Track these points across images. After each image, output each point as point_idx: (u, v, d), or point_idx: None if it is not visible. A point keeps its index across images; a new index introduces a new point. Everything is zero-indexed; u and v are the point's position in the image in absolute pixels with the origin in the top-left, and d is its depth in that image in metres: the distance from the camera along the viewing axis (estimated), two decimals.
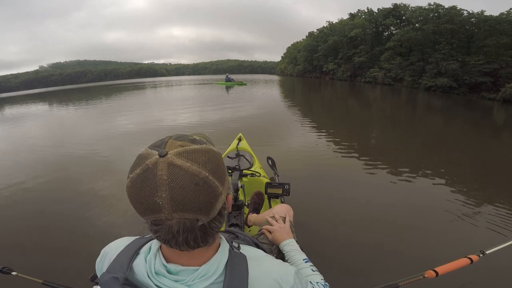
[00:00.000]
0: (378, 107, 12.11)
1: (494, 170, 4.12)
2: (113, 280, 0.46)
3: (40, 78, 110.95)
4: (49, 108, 15.03)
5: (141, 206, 0.41)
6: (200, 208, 0.41)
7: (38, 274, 1.09)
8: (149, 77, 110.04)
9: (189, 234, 0.43)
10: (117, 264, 0.50)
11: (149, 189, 0.39)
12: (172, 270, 0.47)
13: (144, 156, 0.42)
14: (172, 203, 0.39)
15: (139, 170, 0.41)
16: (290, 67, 58.93)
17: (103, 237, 2.26)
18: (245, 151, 2.67)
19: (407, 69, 24.98)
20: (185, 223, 0.41)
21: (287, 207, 1.22)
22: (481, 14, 21.34)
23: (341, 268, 1.97)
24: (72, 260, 2.03)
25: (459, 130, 7.31)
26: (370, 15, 34.51)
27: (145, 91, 24.02)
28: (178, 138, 0.45)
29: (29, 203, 3.13)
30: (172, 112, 9.86)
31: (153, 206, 0.40)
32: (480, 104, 14.16)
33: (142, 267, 0.48)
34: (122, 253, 0.52)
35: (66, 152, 5.10)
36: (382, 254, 2.11)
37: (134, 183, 0.41)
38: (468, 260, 1.10)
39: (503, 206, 2.85)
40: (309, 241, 1.94)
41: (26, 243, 2.35)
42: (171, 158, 0.40)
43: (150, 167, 0.40)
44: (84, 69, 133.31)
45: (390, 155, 4.79)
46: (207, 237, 0.46)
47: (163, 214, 0.40)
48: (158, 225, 0.42)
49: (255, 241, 0.91)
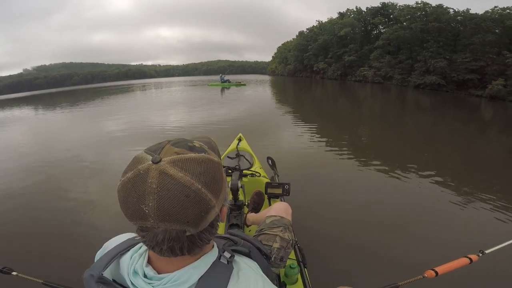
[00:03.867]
0: (370, 106, 12.20)
1: (490, 168, 4.17)
2: (90, 277, 0.47)
3: (24, 81, 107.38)
4: (34, 112, 14.52)
5: (128, 211, 0.40)
6: (188, 221, 0.39)
7: (38, 274, 1.07)
8: (138, 79, 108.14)
9: (175, 243, 0.41)
10: (99, 262, 0.51)
11: (137, 195, 0.38)
12: (147, 274, 0.47)
13: (138, 160, 0.41)
14: (158, 212, 0.38)
15: (130, 174, 0.40)
16: (281, 67, 59.02)
17: (103, 237, 2.17)
18: (245, 151, 2.67)
19: (396, 67, 25.33)
20: (171, 233, 0.40)
21: (285, 206, 1.20)
22: (467, 12, 21.88)
23: (341, 268, 1.98)
24: (72, 260, 2.01)
25: (454, 128, 7.37)
26: (359, 14, 34.88)
27: (134, 93, 23.43)
28: (176, 144, 0.43)
29: (26, 204, 3.11)
30: (163, 115, 9.57)
31: (139, 213, 0.39)
32: (468, 101, 14.48)
33: (126, 264, 0.49)
34: (111, 251, 0.53)
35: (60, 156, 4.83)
36: (382, 254, 2.12)
37: (124, 186, 0.40)
38: (468, 259, 1.09)
39: (502, 205, 2.87)
40: (308, 241, 1.97)
41: (26, 244, 2.35)
42: (164, 166, 0.38)
43: (141, 173, 0.39)
44: (70, 72, 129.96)
45: (388, 155, 4.83)
46: (194, 247, 0.44)
47: (148, 222, 0.39)
48: (144, 231, 0.41)
49: (257, 245, 0.84)
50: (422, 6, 24.76)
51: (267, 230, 1.06)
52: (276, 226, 1.07)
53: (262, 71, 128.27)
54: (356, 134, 6.45)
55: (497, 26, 18.95)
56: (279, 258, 1.00)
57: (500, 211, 2.74)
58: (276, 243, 1.01)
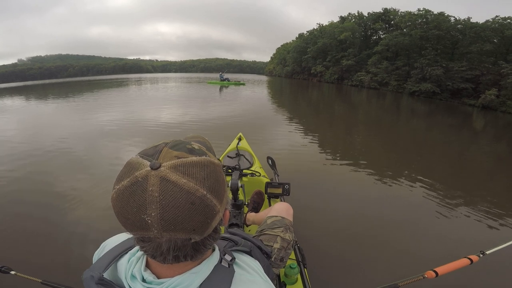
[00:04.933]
0: (367, 111, 12.29)
1: (490, 172, 4.34)
2: (90, 278, 0.46)
3: (18, 71, 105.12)
4: (26, 103, 14.15)
5: (127, 222, 0.37)
6: (194, 229, 0.37)
7: (36, 273, 1.06)
8: (134, 73, 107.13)
9: (179, 252, 0.40)
10: (99, 263, 0.50)
11: (136, 205, 0.35)
12: (146, 278, 0.45)
13: (134, 166, 0.37)
14: (162, 222, 0.35)
15: (126, 182, 0.36)
16: (279, 67, 59.23)
17: (102, 237, 2.07)
18: (245, 150, 2.66)
19: (393, 73, 25.58)
20: (176, 242, 0.38)
21: (287, 206, 1.19)
22: (468, 21, 22.13)
23: (341, 268, 1.97)
24: (72, 260, 1.99)
25: (454, 134, 7.51)
26: (360, 19, 35.19)
27: (129, 88, 23.10)
28: (175, 147, 0.40)
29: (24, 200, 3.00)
30: (158, 111, 9.39)
31: (141, 223, 0.36)
32: (460, 110, 14.71)
33: (123, 267, 0.48)
34: (110, 251, 0.52)
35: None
36: (382, 255, 2.12)
37: (120, 195, 0.36)
38: (468, 260, 1.09)
39: (502, 206, 2.94)
40: (308, 242, 1.98)
41: (21, 242, 2.29)
42: (165, 172, 0.35)
43: (140, 180, 0.35)
44: (66, 64, 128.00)
45: (389, 157, 4.92)
46: (197, 254, 0.43)
47: (151, 232, 0.36)
48: (146, 241, 0.39)
49: (258, 244, 0.84)
50: (423, 13, 25.02)
51: (268, 230, 1.06)
52: (277, 226, 1.06)
53: (259, 71, 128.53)
54: (355, 136, 6.54)
55: (496, 35, 19.21)
56: (280, 259, 1.00)
57: (502, 212, 2.81)
58: (277, 243, 1.01)
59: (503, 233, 2.49)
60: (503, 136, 8.45)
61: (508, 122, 11.48)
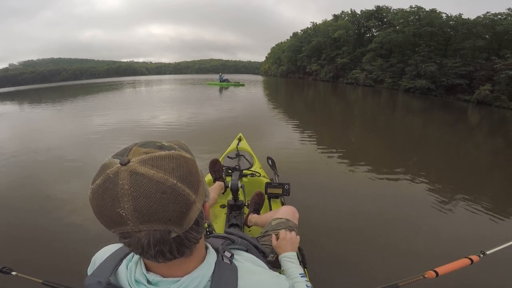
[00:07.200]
0: (364, 109, 12.34)
1: (490, 170, 4.32)
2: (97, 284, 0.46)
3: (10, 76, 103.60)
4: (19, 108, 13.93)
5: (104, 218, 0.38)
6: (170, 219, 0.37)
7: (37, 274, 1.06)
8: (129, 76, 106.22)
9: (162, 246, 0.40)
10: (102, 269, 0.50)
11: (110, 200, 0.36)
12: (151, 280, 0.46)
13: (106, 165, 0.39)
14: (136, 214, 0.36)
15: (99, 181, 0.38)
16: (274, 67, 59.10)
17: (102, 237, 2.20)
18: (245, 151, 2.68)
19: (387, 70, 25.68)
20: (155, 235, 0.38)
21: (292, 210, 1.21)
22: (459, 17, 22.28)
23: (341, 268, 1.98)
24: (72, 260, 1.99)
25: (454, 131, 7.54)
26: (353, 17, 35.24)
27: (123, 91, 22.87)
28: (144, 145, 0.41)
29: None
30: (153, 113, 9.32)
31: (117, 218, 0.37)
32: (456, 105, 14.82)
33: (124, 274, 0.49)
34: (109, 258, 0.52)
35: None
36: (381, 255, 2.13)
37: (95, 194, 0.38)
38: (469, 260, 1.08)
39: (502, 203, 2.96)
40: (308, 242, 1.97)
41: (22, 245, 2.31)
42: (133, 166, 0.37)
43: (111, 176, 0.37)
44: (58, 67, 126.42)
45: (386, 153, 4.96)
46: (183, 248, 0.43)
47: (128, 226, 0.37)
48: (127, 237, 0.39)
49: (254, 243, 0.88)
50: (416, 10, 25.15)
51: (271, 231, 1.09)
52: (281, 228, 1.09)
53: (255, 71, 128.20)
54: (353, 134, 6.59)
55: (488, 31, 19.40)
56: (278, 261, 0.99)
57: (502, 212, 2.79)
58: None
59: (504, 233, 2.48)
60: (498, 130, 8.54)
61: (503, 116, 11.60)
